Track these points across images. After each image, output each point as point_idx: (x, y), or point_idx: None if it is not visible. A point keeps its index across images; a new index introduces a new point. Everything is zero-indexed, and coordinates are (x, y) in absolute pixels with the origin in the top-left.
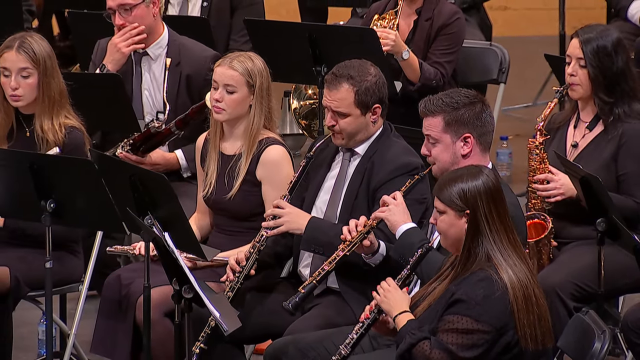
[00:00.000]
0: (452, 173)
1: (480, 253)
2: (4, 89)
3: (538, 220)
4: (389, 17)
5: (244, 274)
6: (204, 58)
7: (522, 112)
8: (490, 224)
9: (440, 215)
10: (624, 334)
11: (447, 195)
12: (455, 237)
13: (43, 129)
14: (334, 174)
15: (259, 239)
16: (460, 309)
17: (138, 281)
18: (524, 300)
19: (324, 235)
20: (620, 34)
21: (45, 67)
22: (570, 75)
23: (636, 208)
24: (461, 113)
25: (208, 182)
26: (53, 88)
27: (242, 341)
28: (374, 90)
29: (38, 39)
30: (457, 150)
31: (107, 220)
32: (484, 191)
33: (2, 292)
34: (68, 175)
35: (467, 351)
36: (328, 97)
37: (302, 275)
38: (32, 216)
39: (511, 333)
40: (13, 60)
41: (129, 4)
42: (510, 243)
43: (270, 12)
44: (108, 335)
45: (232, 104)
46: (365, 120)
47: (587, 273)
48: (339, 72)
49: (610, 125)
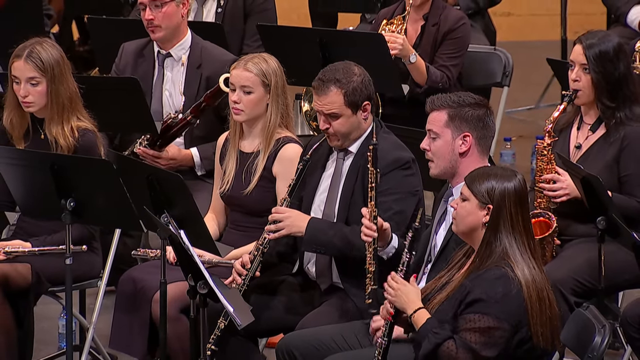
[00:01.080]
0: (488, 169)
1: (498, 249)
2: (17, 95)
3: (543, 218)
4: (397, 22)
5: (250, 276)
6: (224, 61)
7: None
8: (515, 223)
9: (462, 202)
10: (624, 329)
11: (476, 185)
12: (470, 225)
13: (53, 133)
14: (330, 174)
15: (262, 242)
16: (481, 307)
17: (153, 277)
18: (537, 299)
19: (324, 235)
20: (621, 39)
21: (53, 74)
22: (574, 81)
23: (638, 208)
24: (465, 111)
25: (226, 179)
26: (62, 94)
27: (255, 335)
28: (361, 89)
29: (48, 46)
30: (455, 147)
31: (125, 219)
32: (513, 193)
33: (24, 288)
34: (87, 175)
35: (489, 349)
36: (319, 102)
37: (309, 272)
38: (53, 214)
39: (525, 330)
40: (21, 69)
41: (161, 1)
42: (529, 247)
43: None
44: (125, 330)
45: (249, 105)
46: (357, 118)
47: (587, 269)
48: (325, 77)
49: (612, 128)
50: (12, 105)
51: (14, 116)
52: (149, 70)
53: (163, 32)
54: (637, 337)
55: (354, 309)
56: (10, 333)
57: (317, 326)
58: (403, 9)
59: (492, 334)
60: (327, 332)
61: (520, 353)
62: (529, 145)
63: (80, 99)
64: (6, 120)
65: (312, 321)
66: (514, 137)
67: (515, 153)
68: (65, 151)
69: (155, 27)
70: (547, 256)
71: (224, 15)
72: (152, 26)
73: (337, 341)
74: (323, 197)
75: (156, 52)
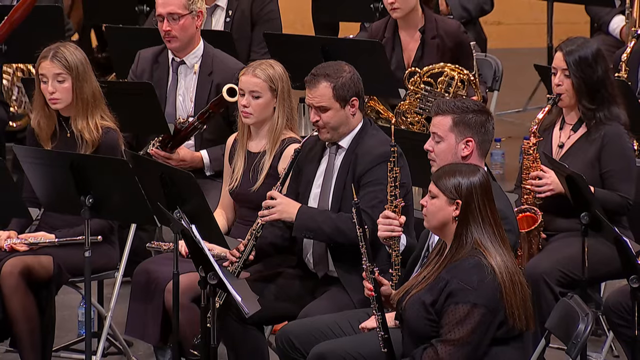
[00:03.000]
0: (452, 166)
1: (470, 240)
2: (44, 94)
3: (530, 213)
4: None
5: (243, 259)
6: (233, 69)
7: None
8: (483, 215)
9: (431, 199)
10: (606, 316)
11: (444, 182)
12: (441, 221)
13: (78, 128)
14: (323, 169)
15: (255, 227)
16: (459, 297)
17: (166, 269)
18: (511, 283)
19: (313, 222)
20: (602, 46)
21: (77, 72)
22: (557, 85)
23: (621, 201)
24: (469, 117)
25: (235, 178)
26: (86, 91)
27: (261, 322)
28: (349, 84)
29: (72, 48)
30: (458, 151)
31: (140, 214)
32: (479, 186)
33: (46, 278)
34: (105, 173)
35: (471, 335)
36: (309, 95)
37: (309, 263)
38: (73, 210)
39: (501, 313)
40: (48, 68)
41: (178, 14)
42: (499, 235)
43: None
44: (140, 318)
45: (258, 108)
46: (345, 113)
47: (572, 261)
48: (317, 72)
49: (592, 128)
50: (39, 107)
51: (41, 117)
52: (163, 76)
53: (179, 42)
54: (618, 324)
55: (349, 299)
56: (33, 321)
57: (316, 315)
58: (394, 23)
59: (472, 319)
60: (323, 320)
61: (500, 334)
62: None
63: (103, 98)
64: (34, 121)
65: (311, 311)
66: (503, 138)
67: (505, 153)
68: (90, 146)
69: (172, 37)
70: (534, 249)
71: (232, 24)
72: (168, 37)
73: (333, 329)
74: (317, 191)
75: (170, 59)
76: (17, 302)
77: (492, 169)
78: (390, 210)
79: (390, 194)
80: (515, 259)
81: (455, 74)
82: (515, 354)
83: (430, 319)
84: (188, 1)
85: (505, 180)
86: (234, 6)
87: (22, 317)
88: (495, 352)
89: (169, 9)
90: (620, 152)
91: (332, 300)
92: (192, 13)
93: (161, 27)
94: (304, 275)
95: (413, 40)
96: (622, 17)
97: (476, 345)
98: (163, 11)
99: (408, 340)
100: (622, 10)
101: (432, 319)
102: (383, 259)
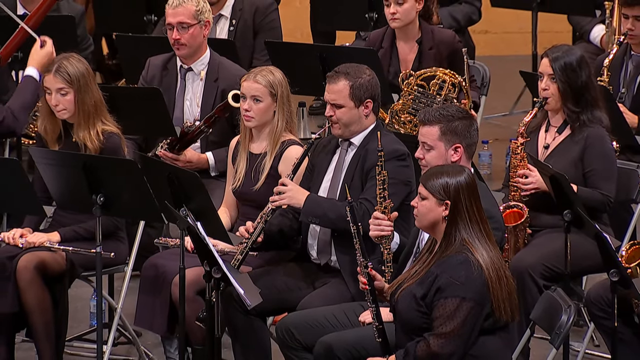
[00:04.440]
0: (439, 167)
1: (458, 237)
2: (49, 104)
3: (516, 209)
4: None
5: (252, 240)
6: (237, 76)
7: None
8: (470, 214)
9: (421, 201)
10: (587, 308)
11: (432, 184)
12: (432, 221)
13: (80, 137)
14: (334, 163)
15: (265, 211)
16: (448, 292)
17: (173, 263)
18: (497, 278)
19: (320, 209)
20: (585, 53)
21: (79, 85)
22: (544, 90)
23: (602, 199)
24: (455, 124)
25: (237, 177)
26: (87, 102)
27: (263, 314)
28: (366, 87)
29: (74, 60)
30: (448, 157)
31: (148, 212)
32: (465, 186)
33: (60, 273)
34: (115, 173)
35: (461, 328)
36: (328, 92)
37: (312, 250)
38: (85, 208)
39: (488, 305)
40: (52, 82)
41: (188, 23)
42: (485, 232)
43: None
44: (148, 309)
45: (259, 112)
46: (358, 112)
47: (555, 256)
48: (339, 70)
49: (576, 130)
50: (45, 113)
51: (47, 123)
52: (172, 82)
53: (187, 49)
54: (599, 316)
55: (347, 292)
56: (48, 313)
57: (315, 307)
58: (392, 34)
59: (461, 312)
60: (321, 312)
61: (487, 325)
62: (504, 147)
63: (104, 105)
64: (40, 127)
65: (311, 302)
66: (490, 140)
67: (492, 154)
68: (92, 152)
69: (181, 45)
70: (520, 243)
71: (235, 33)
72: (178, 45)
73: (330, 320)
74: (327, 185)
75: (179, 66)
76: (33, 296)
77: (480, 169)
78: (380, 211)
79: (379, 196)
80: (501, 254)
81: (447, 77)
82: (501, 343)
83: (421, 311)
84: (197, 12)
85: (493, 180)
86: (237, 16)
87: (37, 309)
88: (482, 341)
89: (179, 19)
90: (602, 153)
91: (330, 293)
92: (200, 23)
93: (171, 35)
94: (304, 267)
95: (411, 52)
96: (602, 27)
97: (467, 337)
98: (173, 20)
99: (400, 331)
100: (603, 20)
101: (422, 311)
102: (379, 254)
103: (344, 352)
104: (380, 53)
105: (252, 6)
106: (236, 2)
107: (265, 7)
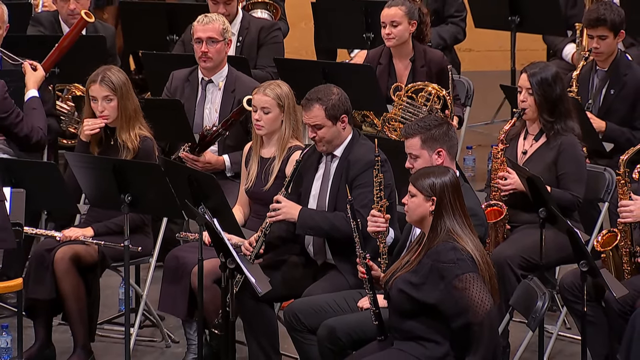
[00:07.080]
0: (426, 168)
1: (444, 229)
2: (95, 111)
3: (497, 207)
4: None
5: (255, 252)
6: (251, 88)
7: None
8: (454, 208)
9: (411, 198)
10: (561, 293)
11: (420, 183)
12: (420, 215)
13: (123, 138)
14: (320, 174)
15: (264, 226)
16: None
17: (192, 255)
18: (482, 261)
19: (312, 221)
20: (558, 69)
21: (122, 92)
22: (522, 102)
23: (572, 199)
24: (433, 132)
25: (250, 179)
26: (129, 107)
27: (271, 300)
28: (338, 105)
29: (115, 71)
30: (433, 161)
31: (170, 209)
32: (450, 184)
33: (92, 264)
34: (142, 175)
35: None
36: (306, 116)
37: (310, 252)
38: (114, 206)
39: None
40: (98, 91)
41: (216, 39)
42: (467, 224)
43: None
44: (170, 296)
45: (268, 122)
46: (337, 128)
47: (531, 249)
48: (310, 97)
49: (551, 138)
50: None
51: None
52: (193, 93)
53: (212, 62)
54: (571, 300)
55: (345, 281)
56: (82, 300)
57: (317, 294)
58: (389, 52)
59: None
60: (323, 298)
61: None
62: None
63: (141, 111)
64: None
65: (313, 290)
66: (474, 145)
67: (475, 158)
68: (132, 152)
69: (208, 58)
70: (500, 237)
71: (242, 48)
72: (205, 57)
73: (332, 306)
74: (316, 193)
75: (200, 78)
76: (68, 284)
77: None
78: (376, 209)
79: (376, 196)
80: (482, 245)
81: (434, 91)
82: None
83: (411, 295)
84: (223, 30)
85: (476, 181)
86: (244, 33)
87: (72, 296)
88: None
89: (209, 34)
90: (573, 158)
91: (330, 282)
92: (224, 40)
93: (199, 48)
94: (307, 262)
95: (405, 69)
96: (573, 45)
97: (492, 305)
98: (203, 35)
99: (393, 314)
100: (573, 39)
101: (412, 296)
102: (374, 248)
103: (345, 334)
104: (379, 69)
105: (258, 25)
106: (243, 21)
107: (269, 26)
